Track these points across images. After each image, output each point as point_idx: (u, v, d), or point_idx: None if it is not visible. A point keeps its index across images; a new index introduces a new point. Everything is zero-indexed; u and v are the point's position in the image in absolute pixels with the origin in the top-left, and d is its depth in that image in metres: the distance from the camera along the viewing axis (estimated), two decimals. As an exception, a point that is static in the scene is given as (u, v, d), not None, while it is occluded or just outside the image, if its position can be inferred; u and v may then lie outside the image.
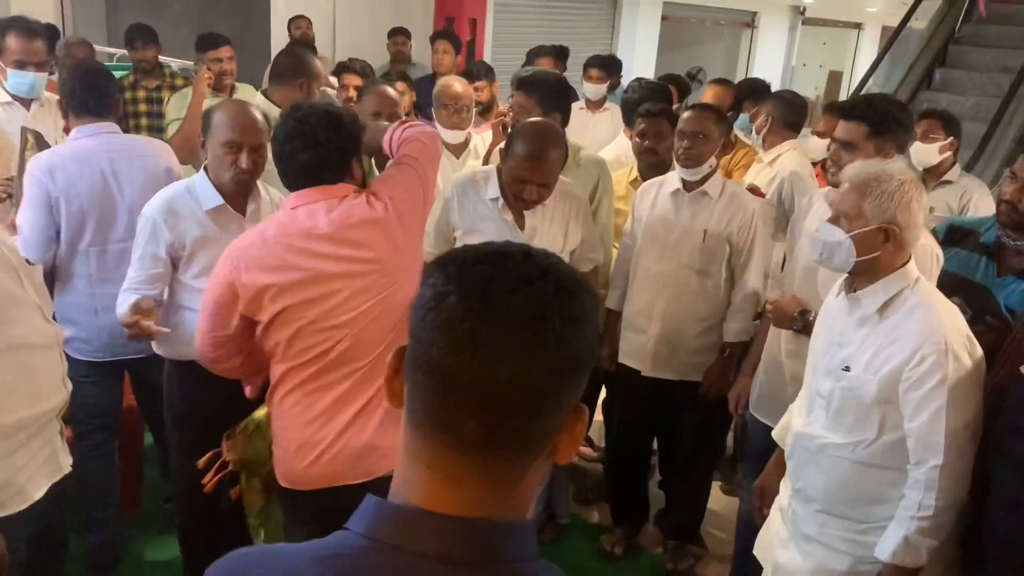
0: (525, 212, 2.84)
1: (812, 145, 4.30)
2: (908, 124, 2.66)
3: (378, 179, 2.36)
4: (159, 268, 2.65)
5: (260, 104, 3.58)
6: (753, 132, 3.77)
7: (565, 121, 3.45)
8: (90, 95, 3.01)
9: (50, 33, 5.21)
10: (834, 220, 2.06)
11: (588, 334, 0.87)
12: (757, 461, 2.77)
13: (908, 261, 2.05)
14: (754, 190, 3.57)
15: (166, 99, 5.00)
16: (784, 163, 3.71)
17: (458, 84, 3.75)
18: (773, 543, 2.28)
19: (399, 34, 6.58)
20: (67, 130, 3.13)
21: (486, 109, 4.70)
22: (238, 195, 2.69)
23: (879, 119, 2.57)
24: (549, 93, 3.41)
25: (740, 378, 3.07)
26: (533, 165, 2.63)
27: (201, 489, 2.71)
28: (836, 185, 2.59)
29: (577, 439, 0.90)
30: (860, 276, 2.06)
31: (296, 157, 2.18)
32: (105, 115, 3.06)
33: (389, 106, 3.35)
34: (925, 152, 3.88)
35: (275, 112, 3.56)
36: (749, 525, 2.48)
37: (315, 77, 3.55)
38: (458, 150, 3.76)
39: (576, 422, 0.88)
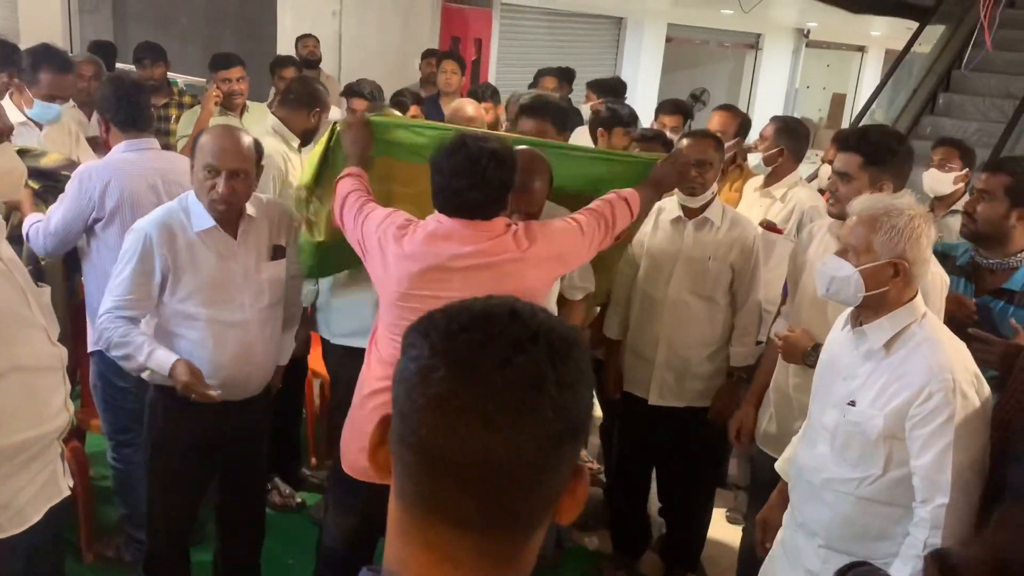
0: None
1: (822, 173, 4.29)
2: (905, 155, 2.66)
3: (549, 220, 2.53)
4: (149, 288, 2.58)
5: (273, 126, 3.61)
6: (761, 162, 3.74)
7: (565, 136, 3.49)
8: (134, 110, 3.09)
9: (105, 52, 5.27)
10: (842, 253, 2.06)
11: (585, 396, 0.83)
12: (763, 494, 2.74)
13: (915, 296, 2.04)
14: (770, 226, 3.56)
15: (173, 116, 5.02)
16: (799, 196, 3.68)
17: (471, 107, 3.79)
18: (776, 577, 2.27)
19: (432, 56, 6.68)
20: (106, 144, 3.19)
21: (494, 130, 4.72)
22: (229, 217, 2.63)
23: (873, 150, 2.59)
24: (562, 115, 3.42)
25: (743, 406, 3.06)
26: (518, 196, 2.61)
27: (177, 520, 2.76)
28: (837, 216, 2.64)
29: (580, 501, 0.86)
30: (867, 310, 2.05)
31: (464, 195, 2.33)
32: (147, 130, 3.16)
33: None
34: (939, 181, 3.88)
35: (289, 135, 3.59)
36: (751, 557, 2.46)
37: (327, 108, 3.63)
38: None
39: (578, 485, 0.85)
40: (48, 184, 3.20)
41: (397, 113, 3.49)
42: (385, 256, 2.42)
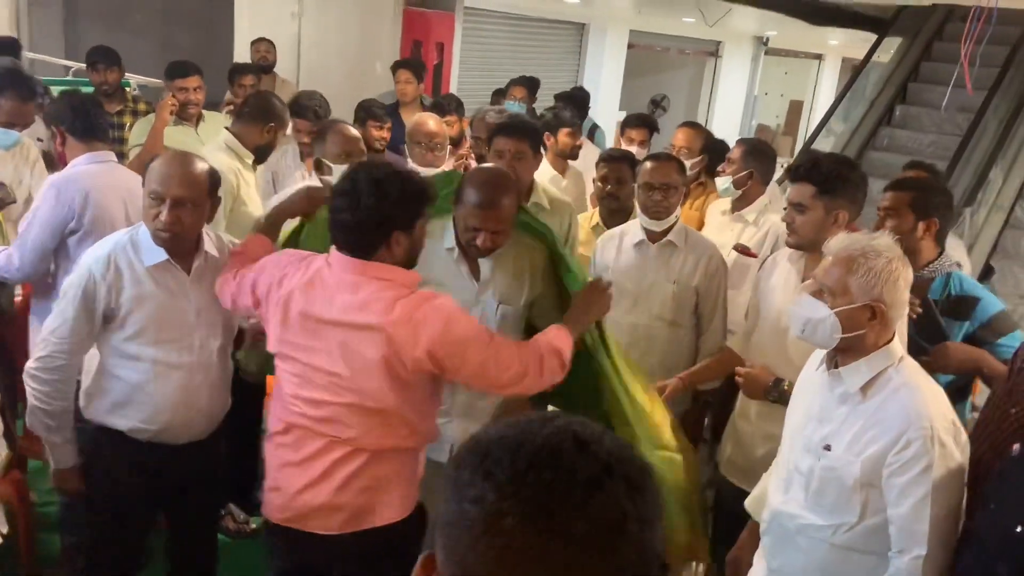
0: (480, 260, 2.75)
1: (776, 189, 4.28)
2: (858, 181, 2.65)
3: (459, 310, 2.22)
4: (91, 328, 2.42)
5: (226, 141, 3.48)
6: (731, 185, 3.71)
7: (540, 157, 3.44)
8: (89, 119, 3.05)
9: (11, 47, 5.09)
10: (817, 294, 2.02)
11: (661, 527, 0.77)
12: (727, 523, 2.76)
13: (892, 338, 2.01)
14: (743, 250, 3.53)
15: (128, 124, 4.87)
16: (772, 220, 3.65)
17: (432, 121, 3.70)
18: (749, 622, 2.22)
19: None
20: (62, 157, 3.12)
21: (455, 143, 4.64)
22: (181, 250, 2.47)
23: (824, 179, 2.58)
24: (539, 138, 3.38)
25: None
26: (485, 213, 2.53)
27: (115, 563, 2.64)
28: (795, 247, 2.69)
29: None
30: (843, 352, 2.01)
31: (336, 216, 2.19)
32: (104, 140, 3.12)
33: (354, 144, 3.29)
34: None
35: (243, 151, 3.47)
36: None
37: (284, 124, 3.53)
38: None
39: None
40: None
41: (351, 129, 3.39)
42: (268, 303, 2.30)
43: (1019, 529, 1.67)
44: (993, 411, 2.17)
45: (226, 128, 3.61)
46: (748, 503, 2.35)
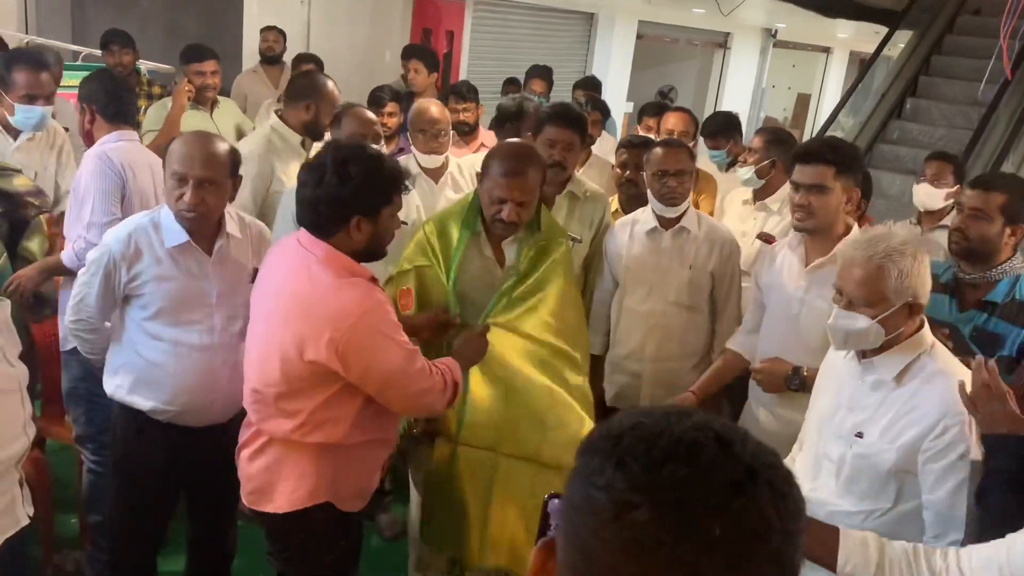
0: (505, 247, 2.74)
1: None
2: (862, 161, 2.73)
3: (395, 329, 2.15)
4: (114, 301, 2.49)
5: (273, 125, 3.49)
6: (754, 175, 3.69)
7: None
8: (122, 103, 3.08)
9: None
10: (849, 306, 1.99)
11: (802, 539, 0.73)
12: None
13: (923, 325, 2.00)
14: (768, 239, 3.52)
15: (142, 108, 4.84)
16: None
17: (435, 108, 3.66)
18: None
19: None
20: (89, 135, 3.11)
21: (472, 130, 4.62)
22: (203, 231, 2.48)
23: (842, 158, 2.61)
24: (586, 129, 3.40)
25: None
26: (510, 182, 2.53)
27: (141, 539, 2.65)
28: (808, 230, 2.66)
29: None
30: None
31: (300, 191, 2.15)
32: (131, 124, 3.16)
33: (369, 127, 3.27)
34: (932, 196, 3.88)
35: (288, 133, 3.45)
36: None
37: (324, 99, 3.48)
38: (436, 174, 3.68)
39: None
40: (8, 208, 3.05)
41: (367, 112, 3.38)
42: None
43: None
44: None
45: (275, 112, 3.60)
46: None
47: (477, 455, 2.62)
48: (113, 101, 3.04)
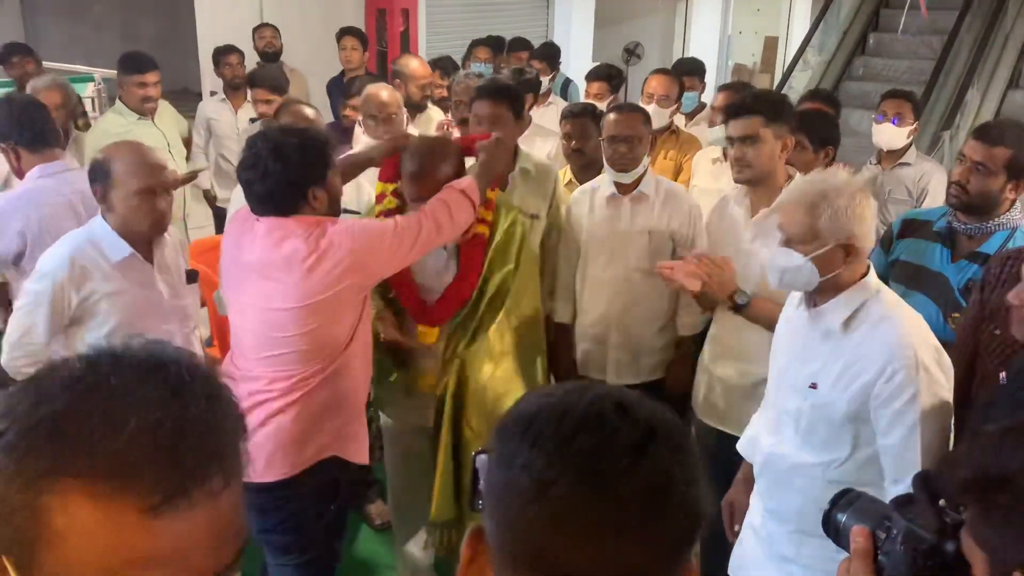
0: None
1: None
2: (791, 108, 2.84)
3: (362, 223, 2.36)
4: (58, 329, 2.40)
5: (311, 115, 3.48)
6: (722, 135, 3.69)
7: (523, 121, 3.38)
8: (36, 126, 2.89)
9: None
10: (787, 243, 2.00)
11: (704, 486, 0.79)
12: (712, 466, 2.79)
13: (868, 271, 2.00)
14: None
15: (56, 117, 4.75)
16: None
17: (384, 92, 3.62)
18: (749, 564, 2.23)
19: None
20: (20, 174, 2.94)
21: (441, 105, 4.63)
22: (145, 242, 2.49)
23: (770, 107, 2.65)
24: (520, 100, 3.25)
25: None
26: (416, 183, 2.57)
27: None
28: (746, 182, 2.70)
29: None
30: (822, 292, 2.00)
31: (250, 188, 2.25)
32: (56, 144, 2.97)
33: (307, 124, 3.24)
34: (894, 135, 3.86)
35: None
36: (716, 540, 2.44)
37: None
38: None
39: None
40: None
41: (306, 110, 3.37)
42: None
43: None
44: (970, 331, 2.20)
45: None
46: (740, 445, 2.36)
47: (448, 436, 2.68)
48: (27, 128, 2.88)
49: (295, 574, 2.51)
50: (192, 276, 2.64)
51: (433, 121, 4.42)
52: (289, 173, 2.21)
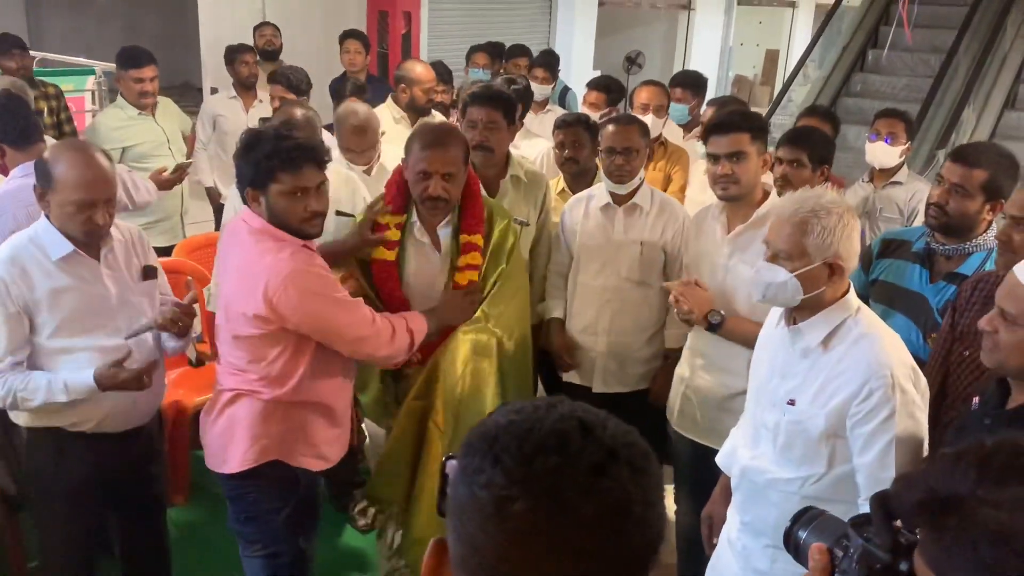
0: (440, 232, 2.77)
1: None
2: (768, 127, 2.90)
3: (308, 287, 2.34)
4: (24, 329, 2.38)
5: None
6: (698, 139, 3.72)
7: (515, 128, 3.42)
8: (18, 121, 2.88)
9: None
10: (773, 259, 2.02)
11: (662, 506, 0.81)
12: (687, 476, 2.92)
13: (848, 290, 2.03)
14: None
15: (44, 110, 4.73)
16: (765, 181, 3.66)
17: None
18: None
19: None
20: (5, 171, 2.92)
21: (447, 112, 4.67)
22: (90, 239, 2.44)
23: (755, 125, 2.71)
24: (512, 108, 3.29)
25: None
26: (431, 154, 2.59)
27: (76, 559, 2.68)
28: (731, 198, 2.71)
29: None
30: (802, 309, 2.03)
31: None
32: (40, 139, 2.96)
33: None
34: (887, 153, 3.90)
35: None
36: (688, 543, 2.46)
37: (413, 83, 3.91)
38: (367, 165, 3.63)
39: None
40: None
41: (298, 112, 3.39)
42: None
43: None
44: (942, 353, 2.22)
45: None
46: (719, 458, 2.38)
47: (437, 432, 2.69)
48: (12, 123, 2.85)
49: (262, 568, 2.56)
50: (150, 272, 2.59)
51: None
52: (236, 164, 2.39)
